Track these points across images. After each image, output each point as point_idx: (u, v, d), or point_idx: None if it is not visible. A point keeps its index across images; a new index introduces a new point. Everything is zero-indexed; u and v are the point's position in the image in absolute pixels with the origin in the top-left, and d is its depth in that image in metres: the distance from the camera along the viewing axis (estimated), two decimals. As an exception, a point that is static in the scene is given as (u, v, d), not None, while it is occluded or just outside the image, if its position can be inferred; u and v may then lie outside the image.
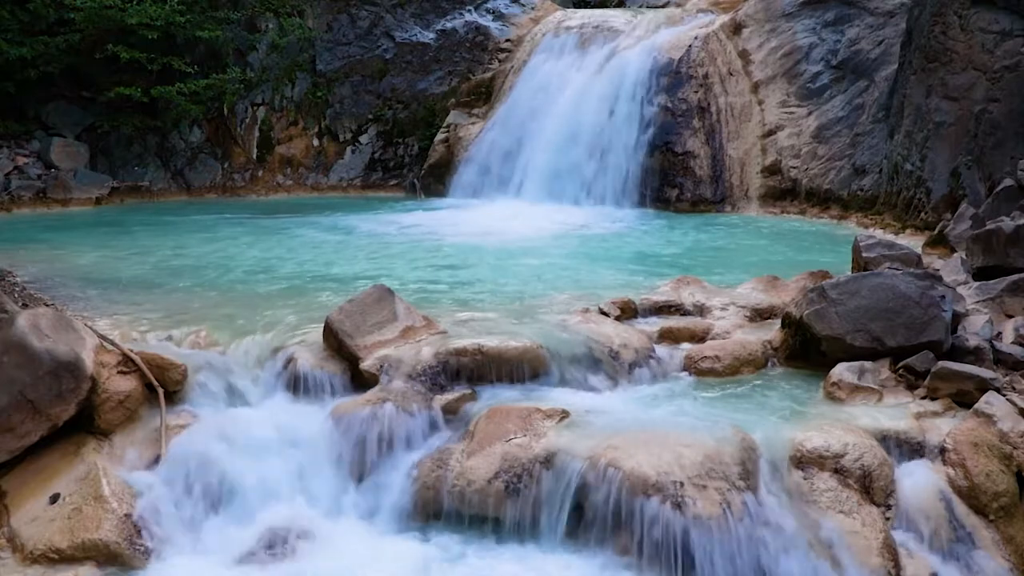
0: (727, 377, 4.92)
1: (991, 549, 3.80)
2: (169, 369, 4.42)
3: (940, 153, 9.25)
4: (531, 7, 15.57)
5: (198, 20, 13.19)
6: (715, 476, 3.68)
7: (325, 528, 4.02)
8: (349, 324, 4.80)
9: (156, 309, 5.79)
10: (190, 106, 13.18)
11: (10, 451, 4.05)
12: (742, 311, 5.73)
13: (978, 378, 4.36)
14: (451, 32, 15.15)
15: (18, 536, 3.84)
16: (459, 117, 14.61)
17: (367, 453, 4.25)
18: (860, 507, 3.75)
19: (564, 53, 14.00)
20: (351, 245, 9.22)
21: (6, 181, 12.15)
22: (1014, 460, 4.00)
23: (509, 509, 3.90)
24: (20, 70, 12.34)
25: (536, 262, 8.24)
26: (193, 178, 14.18)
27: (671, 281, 6.35)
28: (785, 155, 12.04)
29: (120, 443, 4.23)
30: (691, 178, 12.34)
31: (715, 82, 12.82)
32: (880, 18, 11.94)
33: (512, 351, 4.69)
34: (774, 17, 12.88)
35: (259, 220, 11.30)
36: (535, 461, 3.94)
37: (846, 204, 11.26)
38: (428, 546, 3.92)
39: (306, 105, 14.85)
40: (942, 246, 7.44)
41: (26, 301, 5.65)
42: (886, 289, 4.78)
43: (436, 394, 4.50)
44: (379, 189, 14.92)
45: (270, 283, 6.91)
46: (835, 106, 11.91)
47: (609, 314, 5.55)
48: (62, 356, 4.16)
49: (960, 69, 9.04)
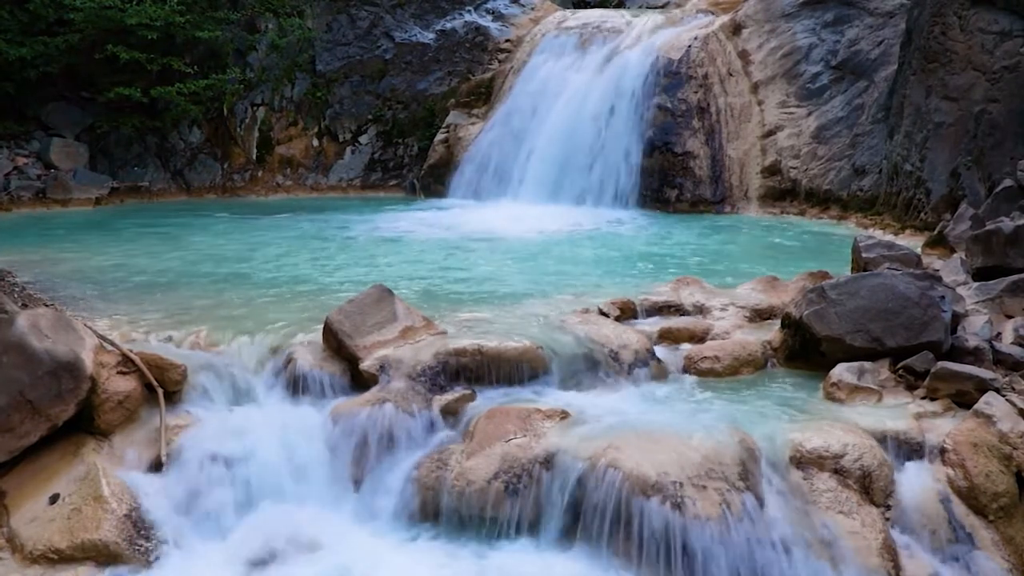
0: (727, 377, 4.92)
1: (991, 549, 3.80)
2: (168, 369, 4.42)
3: (940, 153, 9.25)
4: (531, 7, 15.57)
5: (198, 20, 13.18)
6: (715, 477, 3.68)
7: (325, 528, 4.01)
8: (349, 324, 4.80)
9: (156, 309, 5.78)
10: (190, 106, 13.18)
11: (10, 451, 4.04)
12: (742, 311, 5.73)
13: (977, 378, 4.36)
14: (451, 32, 15.15)
15: (18, 536, 3.84)
16: (459, 117, 14.61)
17: (367, 453, 4.26)
18: (860, 507, 3.75)
19: (564, 54, 14.00)
20: (350, 245, 9.22)
21: (6, 181, 12.14)
22: (1014, 460, 4.00)
23: (509, 509, 3.90)
24: (20, 70, 12.33)
25: (535, 262, 8.24)
26: (193, 178, 14.18)
27: (671, 282, 6.35)
28: (785, 155, 12.04)
29: (120, 443, 4.23)
30: (691, 178, 12.34)
31: (715, 82, 12.82)
32: (880, 18, 11.94)
33: (512, 351, 4.69)
34: (774, 17, 12.88)
35: (258, 220, 11.29)
36: (535, 461, 3.94)
37: (846, 204, 11.26)
38: (428, 546, 3.92)
39: (306, 105, 14.85)
40: (942, 246, 7.43)
41: (26, 301, 5.65)
42: (886, 289, 4.78)
43: (436, 394, 4.50)
44: (379, 189, 14.91)
45: (269, 283, 6.91)
46: (835, 106, 11.91)
47: (609, 314, 5.55)
48: (62, 356, 4.16)
49: (960, 69, 9.04)
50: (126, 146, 13.69)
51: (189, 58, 13.40)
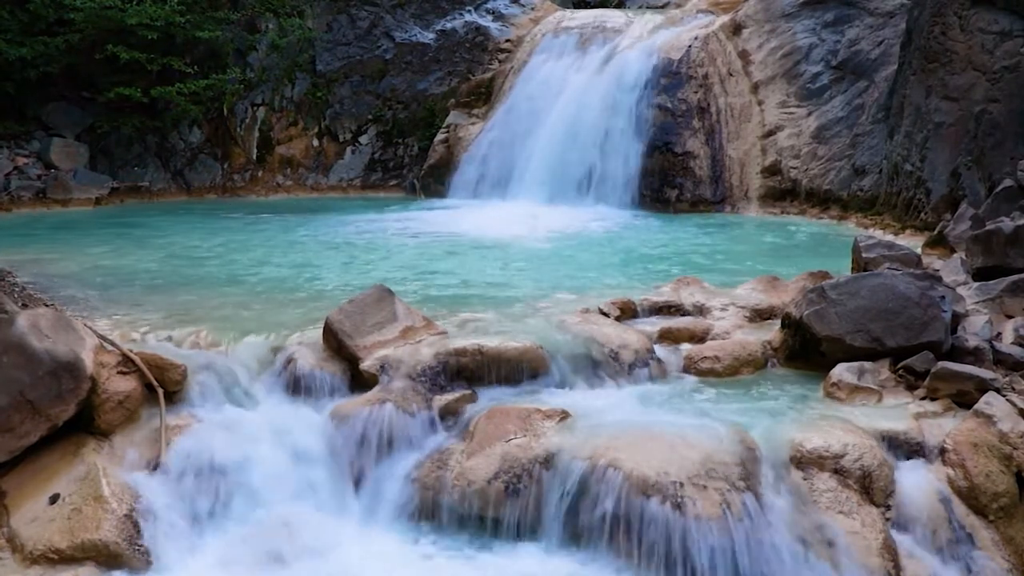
0: (727, 377, 4.92)
1: (991, 550, 3.80)
2: (169, 369, 4.42)
3: (940, 153, 9.25)
4: (531, 7, 15.57)
5: (198, 20, 13.18)
6: (715, 477, 3.68)
7: (325, 529, 4.02)
8: (349, 324, 4.80)
9: (156, 309, 5.78)
10: (190, 106, 13.18)
11: (10, 451, 4.04)
12: (742, 311, 5.73)
13: (978, 378, 4.36)
14: (451, 32, 15.15)
15: (18, 536, 3.84)
16: (459, 117, 14.61)
17: (367, 453, 4.26)
18: (860, 507, 3.74)
19: (564, 54, 14.00)
20: (351, 245, 9.22)
21: (6, 181, 12.14)
22: (1014, 460, 4.00)
23: (509, 510, 3.90)
24: (20, 70, 12.33)
25: (536, 262, 8.24)
26: (193, 178, 14.18)
27: (671, 281, 6.35)
28: (785, 155, 12.04)
29: (120, 443, 4.23)
30: (691, 178, 12.34)
31: (715, 82, 12.82)
32: (880, 18, 11.94)
33: (512, 351, 4.69)
34: (774, 17, 12.88)
35: (259, 220, 11.29)
36: (535, 462, 3.94)
37: (846, 204, 11.26)
38: (428, 546, 3.92)
39: (306, 105, 14.84)
40: (942, 246, 7.43)
41: (26, 301, 5.65)
42: (886, 289, 4.78)
43: (436, 394, 4.50)
44: (379, 189, 14.91)
45: (270, 283, 6.91)
46: (835, 106, 11.91)
47: (609, 314, 5.55)
48: (62, 356, 4.16)
49: (960, 69, 9.04)
50: (126, 146, 13.69)
51: (189, 58, 13.40)
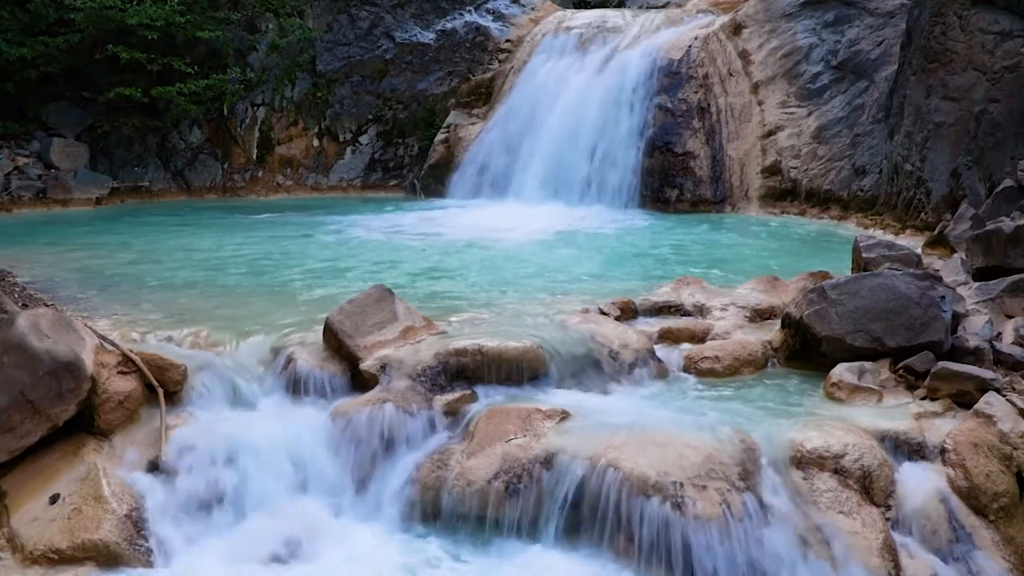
0: (727, 377, 4.92)
1: (991, 550, 3.80)
2: (169, 369, 4.42)
3: (940, 153, 9.24)
4: (531, 7, 15.57)
5: (198, 20, 13.19)
6: (715, 477, 3.68)
7: (325, 528, 4.02)
8: (349, 324, 4.80)
9: (156, 309, 5.79)
10: (190, 106, 13.18)
11: (10, 451, 4.04)
12: (742, 311, 5.73)
13: (978, 378, 4.36)
14: (451, 32, 15.15)
15: (18, 536, 3.84)
16: (459, 117, 14.61)
17: (367, 453, 4.25)
18: (860, 507, 3.74)
19: (564, 53, 14.00)
20: (351, 245, 9.22)
21: (6, 181, 12.15)
22: (1014, 461, 3.99)
23: (509, 509, 3.90)
24: (20, 70, 12.34)
25: (536, 262, 8.24)
26: (193, 178, 14.19)
27: (671, 281, 6.35)
28: (785, 155, 12.04)
29: (120, 443, 4.23)
30: (691, 178, 12.33)
31: (715, 82, 12.82)
32: (880, 18, 11.93)
33: (512, 351, 4.68)
34: (774, 17, 12.88)
35: (259, 221, 11.30)
36: (535, 461, 3.94)
37: (846, 204, 11.26)
38: (428, 546, 3.92)
39: (306, 105, 14.85)
40: (942, 246, 7.43)
41: (26, 301, 5.66)
42: (886, 289, 4.78)
43: (436, 394, 4.50)
44: (379, 189, 14.92)
45: (270, 283, 6.91)
46: (835, 106, 11.90)
47: (609, 314, 5.55)
48: (62, 356, 4.16)
49: (960, 69, 9.04)
50: (126, 146, 13.70)
51: (190, 58, 13.40)
